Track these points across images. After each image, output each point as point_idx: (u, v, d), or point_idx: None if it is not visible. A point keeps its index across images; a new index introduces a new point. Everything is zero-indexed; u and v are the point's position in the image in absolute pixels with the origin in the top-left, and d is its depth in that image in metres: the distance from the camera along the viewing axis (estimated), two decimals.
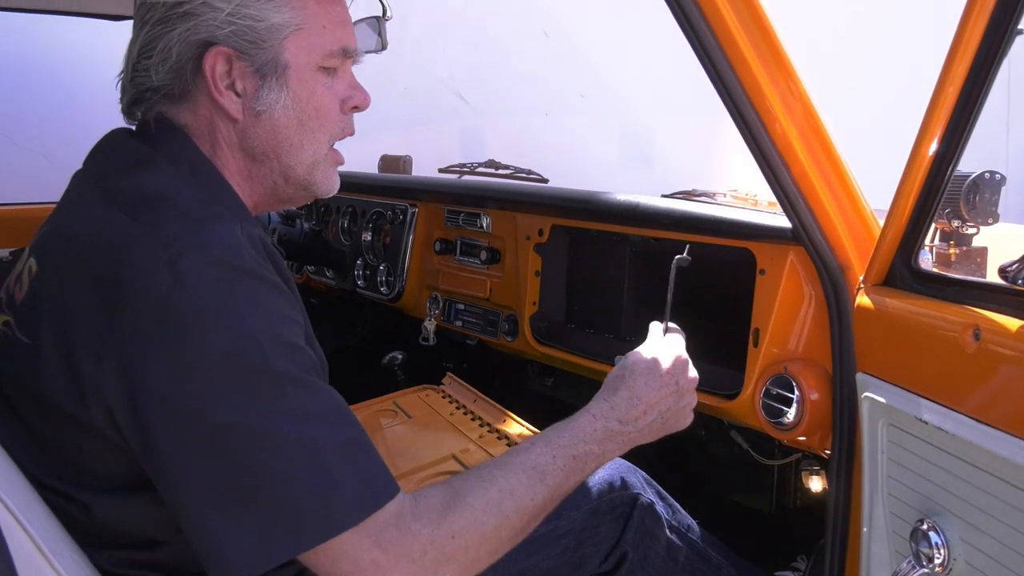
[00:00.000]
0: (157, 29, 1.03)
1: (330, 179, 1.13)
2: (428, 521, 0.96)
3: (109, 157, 1.08)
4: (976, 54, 1.01)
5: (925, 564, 1.06)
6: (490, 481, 1.02)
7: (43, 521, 0.90)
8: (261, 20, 1.02)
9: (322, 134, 1.10)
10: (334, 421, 0.93)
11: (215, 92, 1.04)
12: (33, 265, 1.01)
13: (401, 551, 0.93)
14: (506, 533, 1.02)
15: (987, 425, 0.98)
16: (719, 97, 1.23)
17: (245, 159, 1.08)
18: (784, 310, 1.43)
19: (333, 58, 1.08)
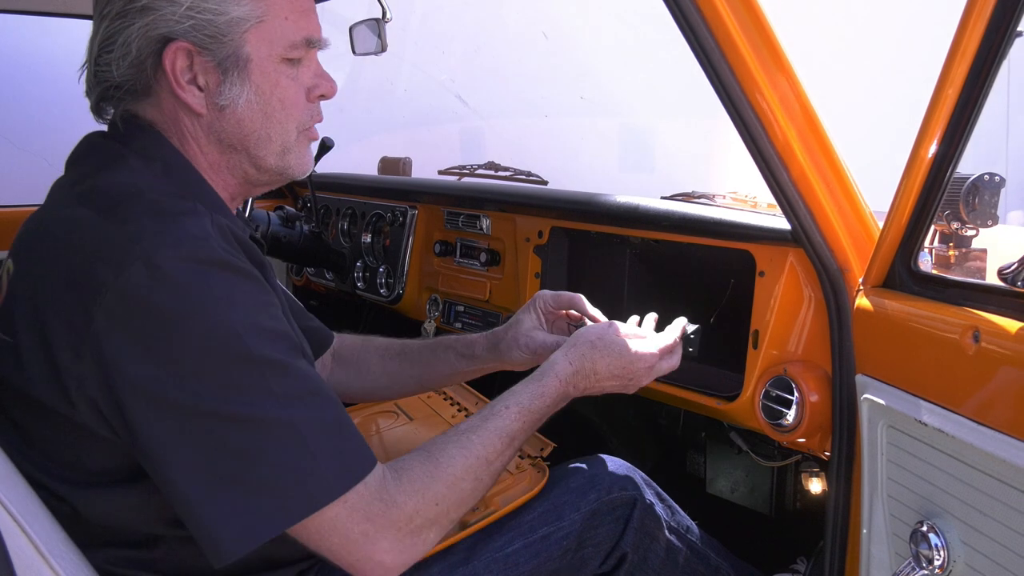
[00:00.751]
0: (116, 23, 1.02)
1: (303, 159, 1.14)
2: (412, 492, 1.03)
3: (84, 160, 1.09)
4: (975, 56, 1.01)
5: (925, 566, 1.06)
6: (468, 447, 1.10)
7: (41, 522, 0.90)
8: (221, 14, 1.02)
9: (289, 123, 1.10)
10: (313, 402, 0.96)
11: (176, 87, 1.03)
12: (10, 266, 1.02)
13: (388, 521, 1.00)
14: (480, 493, 1.12)
15: (987, 427, 0.98)
16: (718, 99, 1.23)
17: (214, 151, 1.09)
18: (783, 312, 1.43)
19: (296, 49, 1.07)
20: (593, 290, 1.94)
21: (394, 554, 1.01)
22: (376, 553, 1.00)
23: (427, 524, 1.04)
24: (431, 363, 1.52)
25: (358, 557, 0.99)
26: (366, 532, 0.98)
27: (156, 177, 1.02)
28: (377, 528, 0.99)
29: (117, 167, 1.02)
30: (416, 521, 1.03)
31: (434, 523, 1.05)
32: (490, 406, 1.18)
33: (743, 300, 1.50)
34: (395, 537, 1.01)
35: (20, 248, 1.03)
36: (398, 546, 1.01)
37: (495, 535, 1.25)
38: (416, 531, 1.03)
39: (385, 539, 1.00)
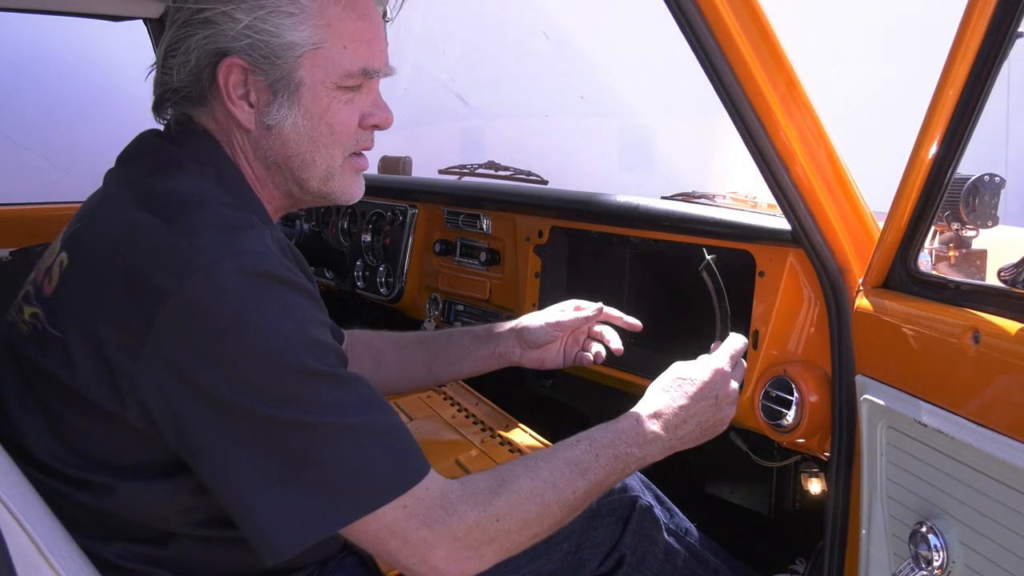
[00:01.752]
0: (182, 31, 1.05)
1: (350, 187, 1.14)
2: (474, 503, 1.02)
3: (140, 159, 1.10)
4: (976, 57, 1.01)
5: (924, 567, 1.06)
6: (535, 471, 1.08)
7: (41, 520, 0.90)
8: (278, 36, 1.03)
9: (335, 148, 1.10)
10: (366, 409, 0.98)
11: (228, 101, 1.05)
12: (64, 259, 1.02)
13: (447, 530, 0.99)
14: (547, 521, 1.08)
15: (986, 428, 0.98)
16: (719, 99, 1.23)
17: (260, 166, 1.11)
18: (783, 312, 1.43)
19: (352, 78, 1.07)
20: (593, 289, 1.94)
21: (451, 564, 1.00)
22: (432, 559, 0.99)
23: (487, 540, 1.03)
24: (445, 348, 1.52)
25: (414, 562, 0.99)
26: (424, 538, 0.98)
27: (213, 186, 1.04)
28: (436, 535, 0.99)
29: (175, 172, 1.04)
30: (475, 534, 1.02)
31: (494, 540, 1.03)
32: (563, 440, 1.17)
33: (743, 300, 1.50)
34: (453, 547, 1.00)
35: (76, 243, 1.03)
36: (455, 556, 1.00)
37: None
38: (475, 545, 1.02)
39: (442, 548, 0.99)
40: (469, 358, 1.51)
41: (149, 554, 1.03)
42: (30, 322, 1.03)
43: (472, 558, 1.02)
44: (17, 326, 1.05)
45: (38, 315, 1.02)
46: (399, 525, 0.97)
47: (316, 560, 1.18)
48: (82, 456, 1.00)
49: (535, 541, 1.09)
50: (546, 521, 1.08)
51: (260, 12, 1.02)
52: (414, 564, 1.00)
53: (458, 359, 1.51)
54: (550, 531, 1.10)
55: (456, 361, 1.51)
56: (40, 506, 0.92)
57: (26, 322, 1.04)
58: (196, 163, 1.05)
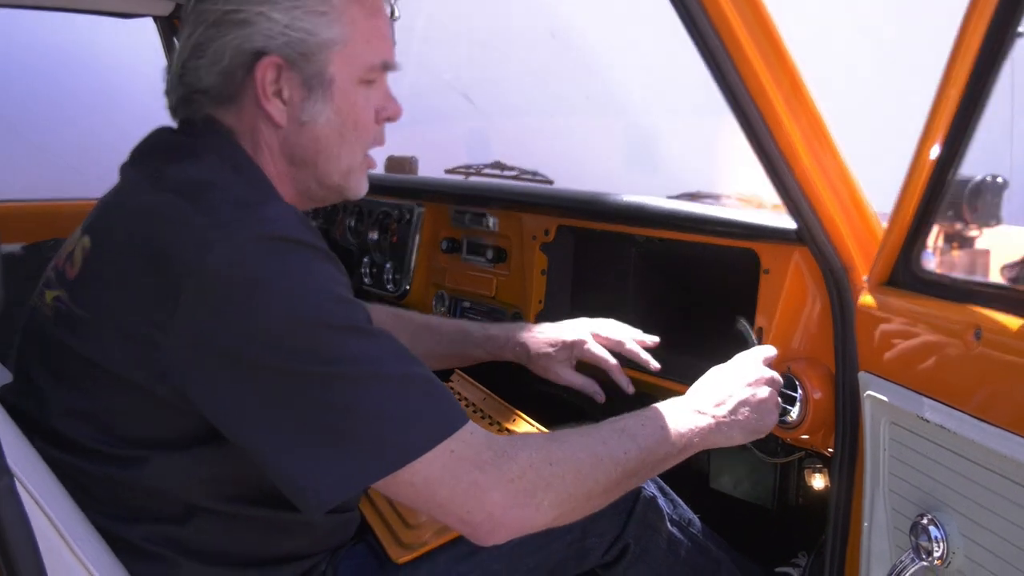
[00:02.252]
0: (211, 32, 1.06)
1: (361, 183, 1.18)
2: (525, 446, 1.02)
3: (155, 153, 1.12)
4: (978, 56, 1.02)
5: (924, 557, 1.07)
6: (583, 432, 1.10)
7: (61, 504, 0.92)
8: (313, 34, 1.06)
9: (358, 144, 1.14)
10: (400, 360, 0.98)
11: (262, 98, 1.07)
12: (87, 243, 1.05)
13: (500, 472, 0.98)
14: (601, 477, 1.07)
15: (987, 423, 1.00)
16: (723, 99, 1.24)
17: (284, 162, 1.13)
18: (787, 310, 1.44)
19: (373, 71, 1.12)
20: (598, 288, 1.96)
21: (506, 509, 0.98)
22: (487, 504, 0.97)
23: (542, 485, 1.00)
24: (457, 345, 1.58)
25: (468, 509, 0.97)
26: (476, 481, 0.97)
27: (229, 173, 1.06)
28: (488, 478, 0.97)
29: (192, 161, 1.06)
30: (530, 476, 1.00)
31: (549, 486, 1.01)
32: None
33: (747, 298, 1.51)
34: (507, 490, 0.98)
35: (98, 227, 1.06)
36: (510, 500, 0.98)
37: None
38: (530, 490, 0.99)
39: (496, 491, 0.97)
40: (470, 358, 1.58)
41: (170, 535, 1.05)
42: (53, 305, 1.06)
43: (529, 504, 0.99)
44: (40, 310, 1.08)
45: (61, 297, 1.05)
46: (448, 470, 0.95)
47: (327, 548, 1.20)
48: (110, 432, 1.02)
49: (588, 507, 1.08)
50: (600, 476, 1.07)
51: (296, 12, 1.05)
52: (468, 512, 0.97)
53: (470, 357, 1.57)
54: (605, 495, 1.08)
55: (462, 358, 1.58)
56: (60, 490, 0.95)
57: (49, 305, 1.07)
58: (213, 155, 1.07)
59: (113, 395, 1.00)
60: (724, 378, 1.27)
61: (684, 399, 1.24)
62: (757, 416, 1.26)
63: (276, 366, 0.93)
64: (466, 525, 1.00)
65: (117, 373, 0.98)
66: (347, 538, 1.24)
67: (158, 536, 1.05)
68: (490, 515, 0.98)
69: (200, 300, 0.93)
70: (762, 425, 1.27)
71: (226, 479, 1.04)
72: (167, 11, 2.35)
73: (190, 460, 1.02)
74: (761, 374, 1.29)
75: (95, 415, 1.02)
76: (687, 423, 1.19)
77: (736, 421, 1.24)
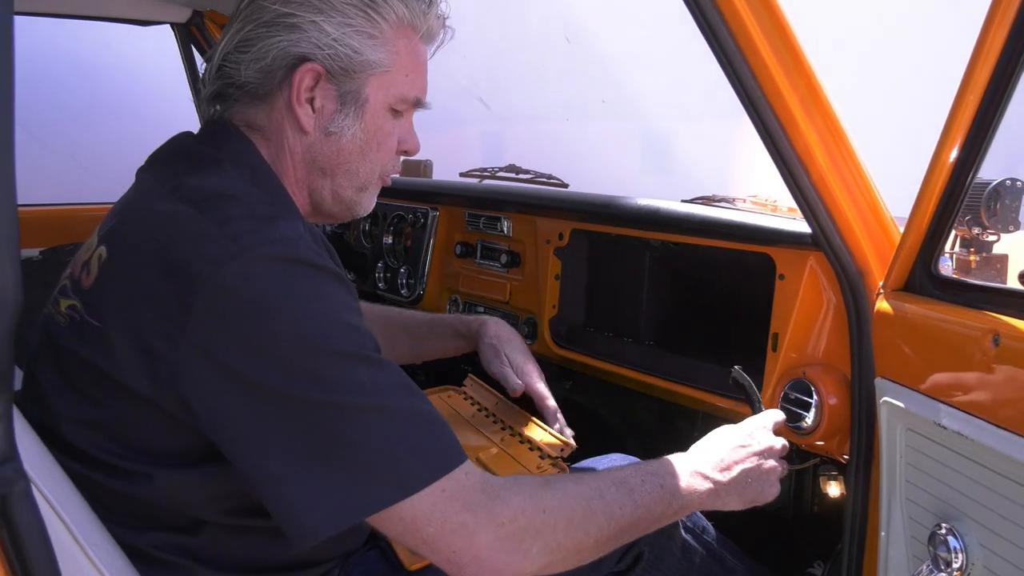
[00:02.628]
0: (261, 30, 1.09)
1: (370, 202, 1.22)
2: (519, 491, 1.01)
3: (174, 159, 1.13)
4: (998, 59, 1.02)
5: (943, 568, 1.06)
6: (580, 480, 1.09)
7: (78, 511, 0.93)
8: (359, 53, 1.09)
9: (377, 165, 1.17)
10: (401, 393, 0.98)
11: (295, 102, 1.10)
12: (103, 252, 1.05)
13: (490, 514, 0.97)
14: (592, 530, 1.05)
15: (1006, 430, 0.99)
16: (739, 102, 1.24)
17: (303, 169, 1.15)
18: (803, 315, 1.43)
19: (404, 103, 1.16)
20: (612, 292, 1.95)
21: (493, 553, 0.97)
22: (475, 547, 0.96)
23: (532, 532, 0.99)
24: (428, 339, 1.65)
25: (455, 550, 0.97)
26: (465, 523, 0.96)
27: (247, 184, 1.07)
28: (478, 520, 0.96)
29: (210, 169, 1.07)
30: (520, 522, 0.99)
31: (539, 534, 1.00)
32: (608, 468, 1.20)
33: (762, 303, 1.50)
34: (496, 534, 0.97)
35: (114, 236, 1.07)
36: (498, 546, 0.97)
37: None
38: (519, 536, 0.99)
39: (485, 534, 0.97)
40: (450, 350, 1.65)
41: (181, 544, 1.05)
42: (67, 314, 1.06)
43: (517, 551, 0.98)
44: (54, 319, 1.09)
45: (76, 307, 1.05)
46: (437, 509, 0.95)
47: (338, 554, 1.20)
48: (120, 444, 1.02)
49: (580, 557, 1.06)
50: (592, 529, 1.05)
51: (348, 29, 1.08)
52: (454, 553, 0.97)
53: (440, 350, 1.66)
54: (595, 548, 1.07)
55: (438, 351, 1.66)
56: (77, 498, 0.95)
57: (63, 314, 1.07)
58: (232, 163, 1.08)
59: (123, 407, 1.00)
60: (734, 443, 1.24)
61: (688, 458, 1.21)
62: (759, 487, 1.24)
63: (279, 389, 0.92)
64: (452, 565, 0.98)
65: (127, 385, 0.98)
66: (359, 544, 1.24)
67: (170, 544, 1.05)
68: (476, 557, 0.97)
69: (211, 313, 0.93)
70: (762, 496, 1.25)
71: (235, 494, 1.04)
72: (184, 18, 2.37)
73: (197, 477, 1.02)
74: (770, 443, 1.26)
75: (105, 426, 1.03)
76: (687, 485, 1.17)
77: (736, 489, 1.22)
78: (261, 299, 0.93)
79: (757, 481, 1.23)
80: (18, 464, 0.74)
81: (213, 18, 2.36)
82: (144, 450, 1.02)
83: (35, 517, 0.76)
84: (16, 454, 0.74)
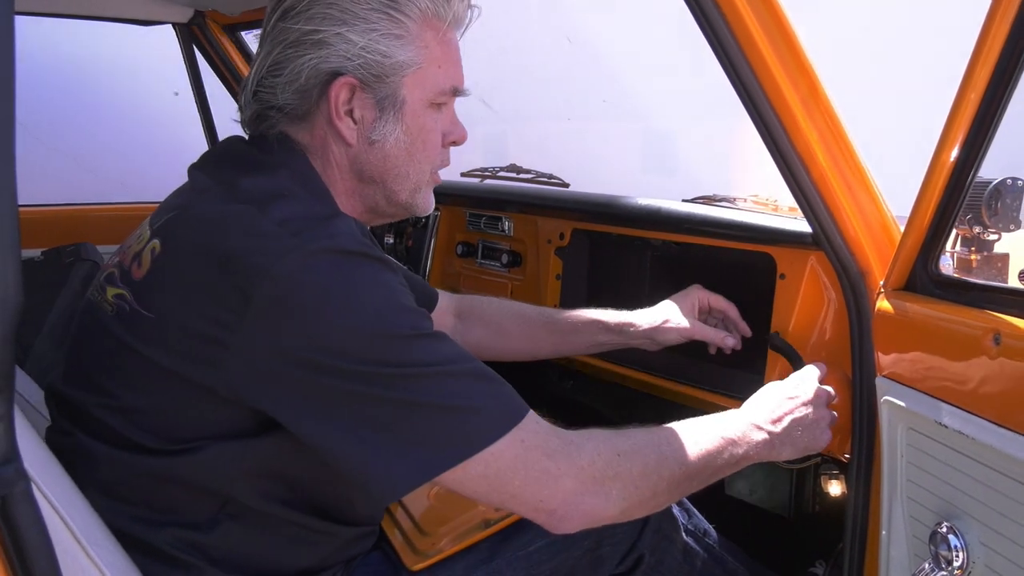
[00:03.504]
0: (289, 51, 1.09)
1: (428, 200, 1.22)
2: (591, 438, 1.05)
3: (228, 160, 1.15)
4: (999, 58, 1.01)
5: (944, 567, 1.06)
6: (647, 432, 1.12)
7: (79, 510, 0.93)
8: (388, 57, 1.09)
9: (426, 164, 1.17)
10: (461, 359, 1.01)
11: (335, 117, 1.10)
12: (157, 245, 1.07)
13: (569, 459, 1.02)
14: (665, 474, 1.09)
15: (1007, 429, 0.99)
16: (740, 102, 1.24)
17: (353, 179, 1.15)
18: (804, 314, 1.43)
19: (444, 95, 1.15)
20: (614, 292, 1.95)
21: (580, 497, 1.02)
22: (561, 491, 1.01)
23: (611, 475, 1.04)
24: (571, 336, 1.59)
25: (542, 497, 1.01)
26: (548, 469, 1.00)
27: (298, 187, 1.09)
28: (559, 466, 1.01)
29: (264, 172, 1.09)
30: (599, 465, 1.03)
31: (617, 477, 1.04)
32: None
33: (763, 302, 1.50)
34: (579, 477, 1.01)
35: (169, 230, 1.08)
36: (582, 488, 1.02)
37: (518, 534, 1.27)
38: (600, 479, 1.03)
39: (569, 478, 1.01)
40: (595, 346, 1.60)
41: (195, 541, 1.06)
42: (115, 303, 1.08)
43: (599, 493, 1.03)
44: (100, 306, 1.10)
45: (124, 296, 1.07)
46: (520, 461, 0.99)
47: (342, 560, 1.20)
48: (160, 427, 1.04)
49: (656, 501, 1.10)
50: (665, 473, 1.09)
51: (373, 35, 1.07)
52: (542, 501, 1.01)
53: (584, 346, 1.60)
54: (668, 493, 1.11)
55: (581, 347, 1.61)
56: (78, 498, 0.95)
57: (110, 302, 1.09)
58: (285, 170, 1.10)
59: (169, 393, 1.03)
60: (782, 395, 1.27)
61: (742, 412, 1.25)
62: (810, 436, 1.26)
63: (348, 371, 0.95)
64: (540, 513, 1.02)
65: (178, 372, 1.01)
66: (365, 551, 1.24)
67: (183, 542, 1.06)
68: (564, 501, 1.01)
69: (272, 304, 0.95)
70: (814, 443, 1.27)
71: (266, 474, 1.07)
72: (186, 18, 2.37)
73: (237, 449, 1.04)
74: (817, 392, 1.28)
75: (146, 411, 1.05)
76: (745, 436, 1.20)
77: (790, 438, 1.24)
78: (322, 289, 0.96)
79: (808, 429, 1.25)
80: (19, 464, 0.74)
81: (215, 18, 2.36)
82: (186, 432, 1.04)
83: (36, 518, 0.76)
84: (17, 454, 0.74)
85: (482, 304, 1.65)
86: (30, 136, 2.98)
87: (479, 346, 1.58)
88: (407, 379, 0.97)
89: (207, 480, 1.05)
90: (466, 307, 1.64)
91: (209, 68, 2.47)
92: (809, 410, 1.25)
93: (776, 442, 1.22)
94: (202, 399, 1.01)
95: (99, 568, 0.89)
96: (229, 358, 0.97)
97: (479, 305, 1.64)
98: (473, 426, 0.98)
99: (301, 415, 0.98)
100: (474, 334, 1.60)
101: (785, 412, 1.24)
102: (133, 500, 1.05)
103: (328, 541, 1.16)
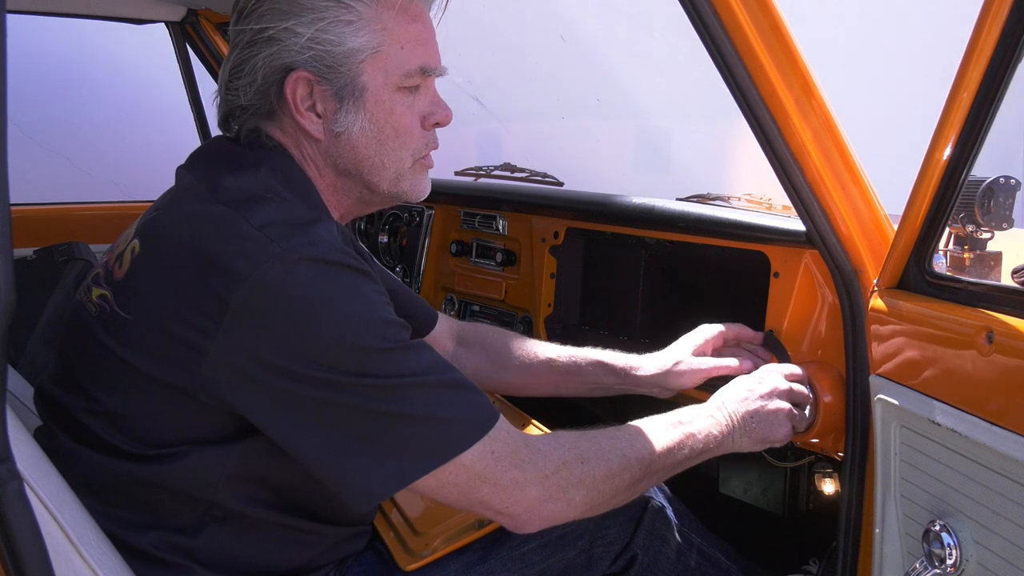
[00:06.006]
0: (245, 52, 1.09)
1: (418, 186, 1.19)
2: (558, 445, 1.09)
3: (213, 159, 1.14)
4: (991, 57, 1.02)
5: (937, 565, 1.06)
6: (610, 433, 1.16)
7: (72, 510, 0.93)
8: (339, 45, 1.07)
9: (403, 151, 1.14)
10: (437, 369, 1.03)
11: (296, 113, 1.09)
12: (136, 246, 1.06)
13: (536, 468, 1.05)
14: (627, 476, 1.13)
15: (1000, 427, 0.99)
16: (734, 101, 1.24)
17: (332, 174, 1.15)
18: (798, 313, 1.43)
19: (412, 77, 1.12)
20: (608, 291, 1.96)
21: (542, 502, 1.05)
22: (527, 499, 1.05)
23: (575, 482, 1.07)
24: (572, 376, 1.55)
25: (508, 503, 1.04)
26: (515, 479, 1.04)
27: (282, 187, 1.08)
28: (526, 475, 1.04)
29: (248, 172, 1.08)
30: (563, 473, 1.07)
31: (581, 483, 1.08)
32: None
33: (758, 301, 1.50)
34: (544, 485, 1.05)
35: (149, 230, 1.08)
36: (547, 495, 1.06)
37: (511, 535, 1.27)
38: (564, 486, 1.07)
39: (534, 486, 1.05)
40: (598, 389, 1.56)
41: (182, 545, 1.06)
42: (98, 303, 1.08)
43: (561, 499, 1.07)
44: (86, 306, 1.10)
45: (107, 297, 1.07)
46: (489, 469, 1.02)
47: (334, 559, 1.20)
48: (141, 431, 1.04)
49: (616, 499, 1.14)
50: (627, 476, 1.13)
51: (320, 24, 1.06)
52: (508, 506, 1.04)
53: (586, 387, 1.56)
54: (629, 491, 1.15)
55: (583, 389, 1.57)
56: (71, 498, 0.95)
57: (94, 303, 1.08)
58: (267, 167, 1.09)
59: (148, 397, 1.02)
60: (744, 388, 1.30)
61: (705, 406, 1.28)
62: (767, 427, 1.28)
63: (324, 380, 0.96)
64: (504, 516, 1.07)
65: (155, 376, 1.00)
66: (358, 550, 1.24)
67: (169, 545, 1.06)
68: (527, 508, 1.06)
69: (251, 310, 0.95)
70: (771, 436, 1.29)
71: (249, 478, 1.06)
72: (179, 16, 2.37)
73: (218, 454, 1.04)
74: (777, 386, 1.30)
75: (127, 415, 1.04)
76: (704, 429, 1.23)
77: (746, 429, 1.27)
78: (300, 298, 0.96)
79: (764, 421, 1.28)
80: (12, 464, 0.74)
81: (208, 16, 2.36)
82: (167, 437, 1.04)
83: (29, 517, 0.76)
84: (10, 454, 0.74)
85: (485, 334, 1.64)
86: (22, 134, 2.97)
87: (476, 375, 1.54)
88: (382, 390, 0.97)
89: (190, 486, 1.05)
90: (469, 334, 1.63)
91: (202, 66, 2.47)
92: (766, 403, 1.28)
93: (734, 434, 1.26)
94: (181, 403, 1.00)
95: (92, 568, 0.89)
96: (206, 363, 0.97)
97: (482, 334, 1.63)
98: (446, 435, 1.00)
99: (277, 421, 0.98)
100: (473, 363, 1.59)
101: (743, 405, 1.28)
102: (117, 503, 1.04)
103: (318, 541, 1.16)
